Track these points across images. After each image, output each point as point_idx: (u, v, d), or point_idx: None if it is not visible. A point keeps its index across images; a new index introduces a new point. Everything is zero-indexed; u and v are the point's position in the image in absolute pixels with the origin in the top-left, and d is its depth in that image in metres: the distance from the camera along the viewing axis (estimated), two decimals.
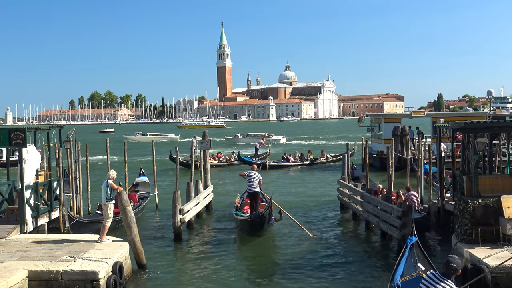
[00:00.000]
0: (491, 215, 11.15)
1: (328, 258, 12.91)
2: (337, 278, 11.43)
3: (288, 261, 12.74)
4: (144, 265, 12.01)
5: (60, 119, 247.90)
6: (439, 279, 5.99)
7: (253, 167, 16.96)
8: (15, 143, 12.92)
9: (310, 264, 12.40)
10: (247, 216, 15.53)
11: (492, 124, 12.23)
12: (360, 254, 13.46)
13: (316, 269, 12.02)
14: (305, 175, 30.77)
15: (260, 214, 14.71)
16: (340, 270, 11.97)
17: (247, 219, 15.20)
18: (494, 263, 9.80)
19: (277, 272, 11.96)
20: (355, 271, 11.85)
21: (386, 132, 32.38)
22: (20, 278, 9.55)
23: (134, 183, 21.35)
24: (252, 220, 14.82)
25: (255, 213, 15.09)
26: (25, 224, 13.15)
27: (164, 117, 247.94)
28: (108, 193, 12.26)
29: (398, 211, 13.14)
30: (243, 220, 15.54)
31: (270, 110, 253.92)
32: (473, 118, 25.69)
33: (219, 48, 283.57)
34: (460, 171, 13.19)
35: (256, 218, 14.71)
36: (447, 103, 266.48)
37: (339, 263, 12.56)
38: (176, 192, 15.27)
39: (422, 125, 32.84)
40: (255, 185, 15.84)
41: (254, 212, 15.26)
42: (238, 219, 15.99)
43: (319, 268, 12.10)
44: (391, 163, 15.45)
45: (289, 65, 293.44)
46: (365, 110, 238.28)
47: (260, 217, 14.67)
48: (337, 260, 12.82)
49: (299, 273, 11.74)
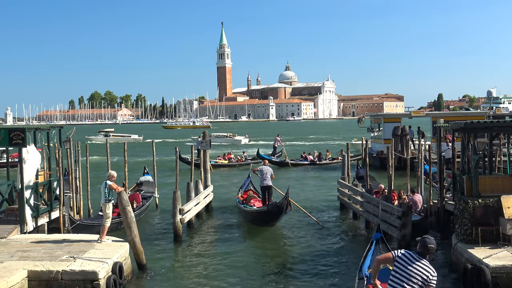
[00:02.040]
0: (491, 215, 11.15)
1: (328, 258, 12.91)
2: (336, 278, 11.43)
3: (288, 261, 12.74)
4: (144, 265, 12.00)
5: (60, 119, 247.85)
6: (415, 259, 6.11)
7: (265, 162, 17.97)
8: (15, 143, 12.91)
9: (309, 265, 12.40)
10: (263, 207, 16.48)
11: (492, 124, 12.22)
12: (360, 254, 13.42)
13: (316, 269, 12.01)
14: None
15: (278, 204, 15.55)
16: (340, 269, 11.98)
17: (264, 210, 16.14)
18: (494, 263, 9.80)
19: (277, 272, 11.95)
20: (355, 272, 11.83)
21: (386, 132, 32.39)
22: (20, 278, 9.55)
23: (138, 182, 21.38)
24: (270, 210, 15.76)
25: (272, 203, 15.97)
26: (25, 224, 13.14)
27: (164, 117, 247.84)
28: (107, 193, 12.25)
29: (398, 211, 13.14)
30: (258, 211, 16.55)
31: (270, 110, 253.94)
32: (473, 118, 25.69)
33: (219, 48, 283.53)
34: (460, 171, 13.19)
35: (274, 208, 15.63)
36: (447, 103, 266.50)
37: (339, 262, 12.56)
38: (176, 192, 15.27)
39: (422, 125, 32.81)
40: (268, 179, 16.81)
41: (270, 203, 16.15)
42: (249, 211, 17.04)
43: (318, 269, 12.10)
44: (391, 163, 15.45)
45: (289, 65, 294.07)
46: (365, 110, 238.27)
47: (278, 207, 15.54)
48: (336, 259, 12.81)
49: (298, 274, 11.74)
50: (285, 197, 15.55)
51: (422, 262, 6.09)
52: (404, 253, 6.21)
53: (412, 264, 6.10)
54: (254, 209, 17.00)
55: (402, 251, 6.27)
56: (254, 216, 16.77)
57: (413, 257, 6.13)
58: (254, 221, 16.75)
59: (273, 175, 17.09)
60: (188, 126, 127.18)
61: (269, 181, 16.83)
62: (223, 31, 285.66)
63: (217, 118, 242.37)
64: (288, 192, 15.59)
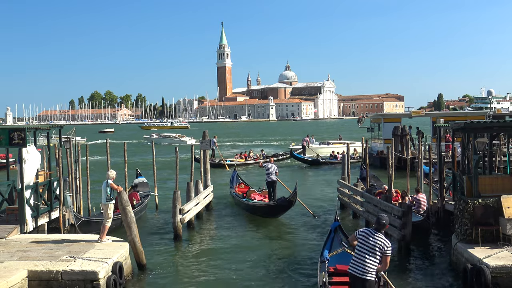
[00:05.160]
0: (491, 215, 11.14)
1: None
2: None
3: (288, 261, 12.73)
4: (144, 265, 12.00)
5: (60, 119, 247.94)
6: (372, 233, 7.45)
7: (270, 160, 20.25)
8: (15, 143, 12.91)
9: (308, 265, 12.39)
10: (272, 201, 17.80)
11: (492, 124, 12.21)
12: None
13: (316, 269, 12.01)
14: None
15: (288, 199, 16.94)
16: None
17: (272, 204, 17.53)
18: (494, 263, 9.80)
19: (277, 272, 11.94)
20: None
21: (386, 132, 32.37)
22: (20, 278, 9.54)
23: (132, 185, 21.37)
24: (279, 204, 17.14)
25: (281, 198, 17.28)
26: (25, 224, 13.13)
27: (164, 117, 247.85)
28: (108, 193, 12.26)
29: (398, 211, 13.13)
30: (268, 205, 17.80)
31: (270, 110, 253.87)
32: (473, 118, 25.68)
33: (219, 48, 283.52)
34: (460, 171, 13.19)
35: (284, 203, 16.99)
36: (447, 103, 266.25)
37: None
38: (176, 192, 15.26)
39: (422, 126, 32.81)
40: (273, 175, 18.40)
41: (280, 198, 17.44)
42: (257, 205, 18.42)
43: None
44: (391, 163, 15.45)
45: (289, 65, 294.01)
46: (365, 110, 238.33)
47: (288, 201, 16.94)
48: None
49: (297, 275, 11.73)
50: (294, 192, 16.83)
51: (378, 236, 7.42)
52: (363, 230, 7.60)
53: (370, 237, 7.42)
54: (262, 204, 18.35)
55: (362, 229, 7.67)
56: (262, 210, 18.02)
57: (371, 232, 7.48)
58: (260, 213, 17.99)
59: (277, 172, 18.57)
60: (166, 127, 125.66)
61: (274, 176, 18.39)
62: (223, 31, 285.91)
63: (217, 118, 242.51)
64: (296, 187, 16.79)
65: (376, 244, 7.33)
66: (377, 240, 7.35)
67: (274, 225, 17.05)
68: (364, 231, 7.53)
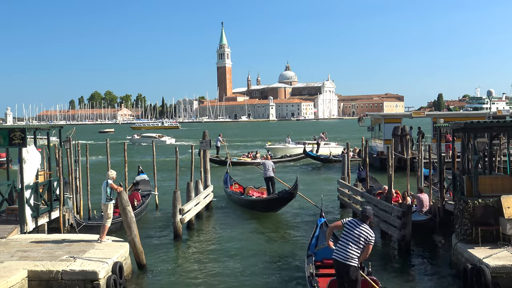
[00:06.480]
0: (491, 215, 11.14)
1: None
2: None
3: (287, 261, 12.74)
4: (144, 265, 12.00)
5: (60, 119, 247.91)
6: (358, 224, 8.11)
7: (268, 158, 21.72)
8: (15, 143, 12.90)
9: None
10: (274, 195, 18.40)
11: (492, 124, 12.21)
12: None
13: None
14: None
15: (289, 191, 17.56)
16: None
17: (274, 197, 18.10)
18: (494, 263, 9.80)
19: (277, 272, 11.94)
20: None
21: (386, 132, 32.35)
22: (20, 278, 9.55)
23: (134, 182, 21.34)
24: (281, 197, 17.73)
25: (283, 191, 17.98)
26: (25, 224, 13.13)
27: (164, 117, 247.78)
28: (108, 193, 12.26)
29: (398, 211, 13.13)
30: (268, 199, 18.41)
31: (270, 110, 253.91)
32: (473, 118, 25.67)
33: (219, 48, 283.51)
34: (460, 171, 13.18)
35: (285, 195, 17.62)
36: (447, 103, 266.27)
37: None
38: (176, 192, 15.26)
39: (422, 126, 32.76)
40: (270, 171, 19.36)
41: (281, 191, 18.12)
42: (259, 200, 19.10)
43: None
44: (391, 163, 15.44)
45: (289, 65, 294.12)
46: (365, 110, 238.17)
47: (289, 193, 17.54)
48: None
49: (296, 273, 11.73)
50: (294, 185, 17.34)
51: (363, 226, 8.07)
52: (350, 220, 8.25)
53: (356, 228, 8.06)
54: (263, 198, 19.10)
55: (349, 219, 8.32)
56: (263, 204, 18.67)
57: (357, 222, 8.13)
58: (260, 208, 18.59)
59: (274, 168, 19.59)
60: (156, 127, 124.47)
61: (271, 172, 19.34)
62: (223, 31, 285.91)
63: (217, 118, 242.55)
64: (297, 180, 17.38)
65: (361, 234, 8.00)
66: (362, 231, 8.02)
67: (273, 224, 17.08)
68: (351, 221, 8.21)
